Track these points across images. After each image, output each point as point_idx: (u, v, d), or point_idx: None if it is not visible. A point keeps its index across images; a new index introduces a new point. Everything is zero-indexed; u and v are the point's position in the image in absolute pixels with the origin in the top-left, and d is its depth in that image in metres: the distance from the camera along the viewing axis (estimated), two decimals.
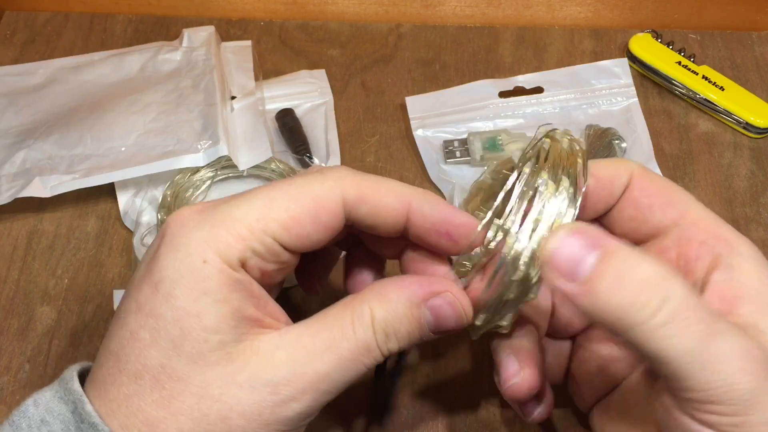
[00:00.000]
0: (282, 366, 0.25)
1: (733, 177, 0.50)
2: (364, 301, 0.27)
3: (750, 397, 0.24)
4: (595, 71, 0.53)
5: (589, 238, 0.25)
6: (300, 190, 0.27)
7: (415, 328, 0.28)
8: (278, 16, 0.60)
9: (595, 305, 0.24)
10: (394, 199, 0.28)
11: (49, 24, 0.58)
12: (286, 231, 0.26)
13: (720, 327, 0.24)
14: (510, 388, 0.31)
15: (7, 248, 0.47)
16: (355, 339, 0.26)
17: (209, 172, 0.48)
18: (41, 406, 0.26)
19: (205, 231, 0.25)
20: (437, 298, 0.28)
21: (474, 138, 0.49)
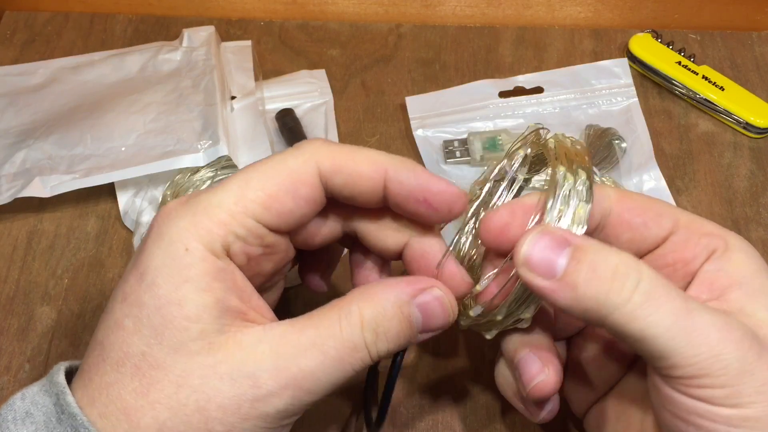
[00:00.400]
0: (265, 359, 0.25)
1: (733, 177, 0.50)
2: (352, 301, 0.27)
3: (738, 365, 0.25)
4: (595, 71, 0.53)
5: (558, 237, 0.27)
6: (274, 167, 0.27)
7: (405, 327, 0.28)
8: (278, 16, 0.60)
9: (574, 298, 0.26)
10: (369, 167, 0.28)
11: (49, 24, 0.58)
12: (266, 210, 0.26)
13: (695, 305, 0.25)
14: (535, 389, 0.30)
15: (7, 248, 0.47)
16: (341, 337, 0.26)
17: (209, 172, 0.48)
18: (27, 399, 0.26)
19: (187, 219, 0.26)
20: (424, 294, 0.28)
21: (474, 138, 0.49)
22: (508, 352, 0.32)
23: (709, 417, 0.25)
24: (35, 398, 0.26)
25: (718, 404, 0.25)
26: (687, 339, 0.25)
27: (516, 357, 0.31)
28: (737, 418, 0.25)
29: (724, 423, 0.25)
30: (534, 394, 0.31)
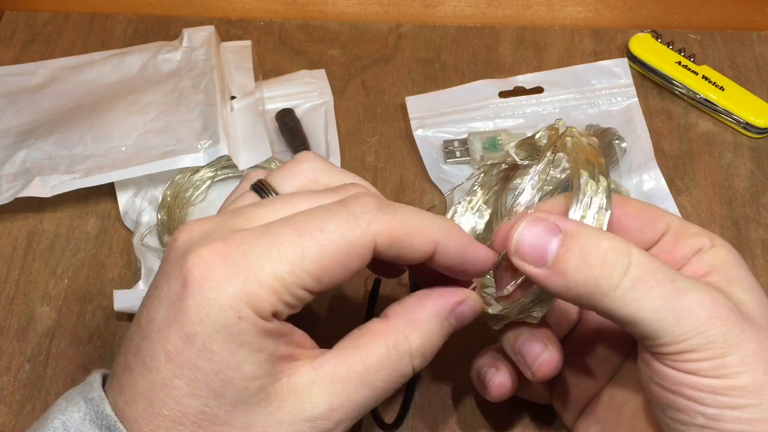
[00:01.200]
0: (320, 402, 0.26)
1: (733, 177, 0.50)
2: (398, 330, 0.28)
3: (723, 339, 0.26)
4: (595, 71, 0.53)
5: (549, 224, 0.28)
6: (332, 238, 0.26)
7: (443, 339, 0.29)
8: (278, 16, 0.60)
9: (565, 284, 0.27)
10: (422, 240, 0.28)
11: (49, 24, 0.58)
12: (317, 281, 0.26)
13: (684, 284, 0.27)
14: (540, 366, 0.31)
15: (7, 248, 0.47)
16: (391, 369, 0.27)
17: (209, 171, 0.48)
18: (71, 429, 0.26)
19: (238, 285, 0.25)
20: (461, 306, 0.29)
21: (474, 138, 0.49)
22: (508, 341, 0.33)
23: (697, 387, 0.26)
24: (82, 429, 0.26)
25: (705, 375, 0.26)
26: (675, 320, 0.26)
27: (517, 343, 0.32)
28: (723, 388, 0.26)
29: (711, 392, 0.26)
30: (539, 372, 0.31)
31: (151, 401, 0.25)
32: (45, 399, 0.41)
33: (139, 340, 0.26)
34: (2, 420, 0.40)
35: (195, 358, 0.25)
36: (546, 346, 0.31)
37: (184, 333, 0.25)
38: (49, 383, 0.41)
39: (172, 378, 0.25)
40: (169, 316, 0.25)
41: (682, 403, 0.27)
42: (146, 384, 0.26)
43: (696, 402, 0.26)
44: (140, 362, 0.26)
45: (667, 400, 0.27)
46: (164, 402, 0.25)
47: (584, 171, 0.29)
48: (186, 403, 0.25)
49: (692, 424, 0.27)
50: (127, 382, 0.26)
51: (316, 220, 0.26)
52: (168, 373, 0.25)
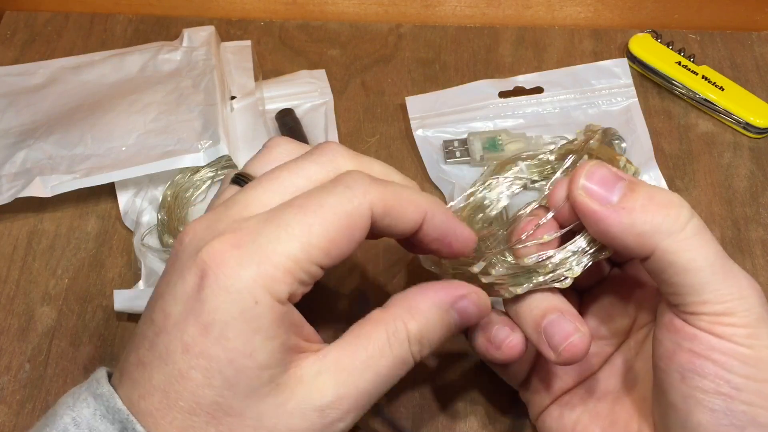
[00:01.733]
0: (327, 390, 0.27)
1: (733, 177, 0.50)
2: (396, 318, 0.28)
3: (760, 310, 0.28)
4: (594, 71, 0.53)
5: (613, 172, 0.29)
6: (333, 211, 0.27)
7: (445, 332, 0.30)
8: (278, 16, 0.60)
9: (630, 223, 0.28)
10: (413, 210, 0.29)
11: (49, 24, 0.58)
12: (327, 255, 0.27)
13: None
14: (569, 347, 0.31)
15: (7, 248, 0.47)
16: (392, 356, 0.28)
17: (210, 171, 0.48)
18: (82, 424, 0.26)
19: (253, 269, 0.25)
20: (463, 301, 0.30)
21: (474, 138, 0.49)
22: (530, 316, 0.32)
23: (729, 353, 0.27)
24: (92, 424, 0.26)
25: (739, 343, 0.27)
26: (724, 277, 0.27)
27: (544, 320, 0.31)
28: (753, 359, 0.27)
29: (741, 361, 0.27)
30: (566, 354, 0.31)
31: (166, 393, 0.26)
32: (45, 399, 0.41)
33: (153, 335, 0.27)
34: (2, 420, 0.40)
35: (211, 347, 0.25)
36: (578, 327, 0.31)
37: (202, 323, 0.25)
38: (49, 383, 0.41)
39: (188, 369, 0.25)
40: (186, 309, 0.26)
41: (709, 369, 0.27)
42: (162, 377, 0.26)
43: (724, 369, 0.27)
44: (156, 356, 0.26)
45: (693, 365, 0.28)
46: (180, 393, 0.26)
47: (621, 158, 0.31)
48: (201, 393, 0.25)
49: (716, 392, 0.27)
50: (140, 376, 0.26)
51: (314, 197, 0.27)
52: (184, 365, 0.26)
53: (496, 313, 0.34)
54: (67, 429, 0.26)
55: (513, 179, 0.37)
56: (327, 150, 0.30)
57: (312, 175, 0.29)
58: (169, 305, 0.26)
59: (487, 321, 0.33)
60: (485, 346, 0.33)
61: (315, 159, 0.30)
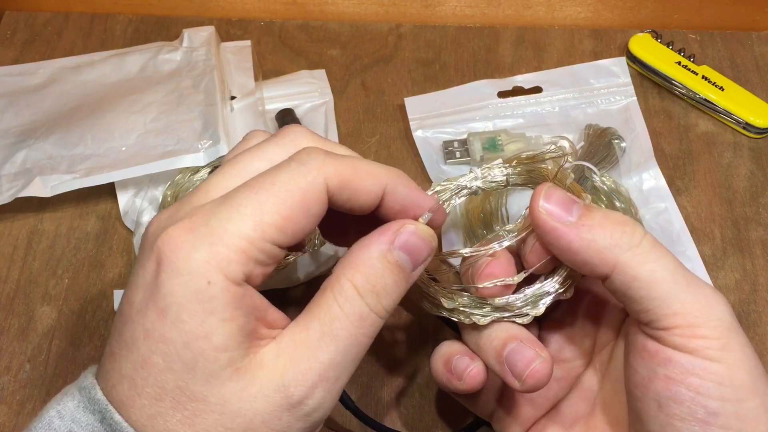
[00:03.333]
0: (287, 369, 0.26)
1: (733, 177, 0.50)
2: (339, 276, 0.28)
3: (728, 319, 0.28)
4: (593, 70, 0.53)
5: (568, 195, 0.30)
6: (287, 187, 0.27)
7: (398, 274, 0.28)
8: (278, 16, 0.60)
9: (590, 239, 0.29)
10: (372, 182, 0.29)
11: (50, 24, 0.58)
12: (282, 232, 0.26)
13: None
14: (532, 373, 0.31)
15: (7, 248, 0.47)
16: (344, 315, 0.27)
17: (209, 171, 0.48)
18: (66, 417, 0.26)
19: (204, 251, 0.25)
20: (401, 235, 0.29)
21: (474, 138, 0.49)
22: (491, 346, 0.32)
23: (703, 375, 0.27)
24: (75, 415, 0.26)
25: (711, 358, 0.27)
26: (688, 287, 0.28)
27: (505, 350, 0.31)
28: (727, 377, 0.27)
29: (716, 382, 0.27)
30: (530, 381, 0.31)
31: (133, 381, 0.26)
32: (45, 399, 0.41)
33: (121, 325, 0.27)
34: (2, 420, 0.40)
35: (168, 331, 0.25)
36: (538, 352, 0.31)
37: (159, 308, 0.25)
38: (49, 383, 0.41)
39: (149, 354, 0.25)
40: (146, 296, 0.26)
41: (685, 395, 0.27)
42: (128, 365, 0.26)
43: (699, 393, 0.27)
44: (123, 345, 0.26)
45: (669, 392, 0.28)
46: (145, 380, 0.26)
47: (586, 195, 0.32)
48: (163, 378, 0.25)
49: (693, 418, 0.27)
50: (111, 366, 0.27)
51: (268, 176, 0.27)
52: (146, 350, 0.26)
53: (455, 343, 0.34)
54: (51, 421, 0.26)
55: (462, 187, 0.37)
56: (289, 132, 0.30)
57: (273, 156, 0.28)
58: (132, 294, 0.27)
59: (447, 352, 0.34)
60: (446, 377, 0.33)
61: (276, 141, 0.29)
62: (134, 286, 0.27)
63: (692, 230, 0.47)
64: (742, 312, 0.44)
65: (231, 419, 0.26)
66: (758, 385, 0.27)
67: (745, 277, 0.46)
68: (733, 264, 0.46)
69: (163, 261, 0.26)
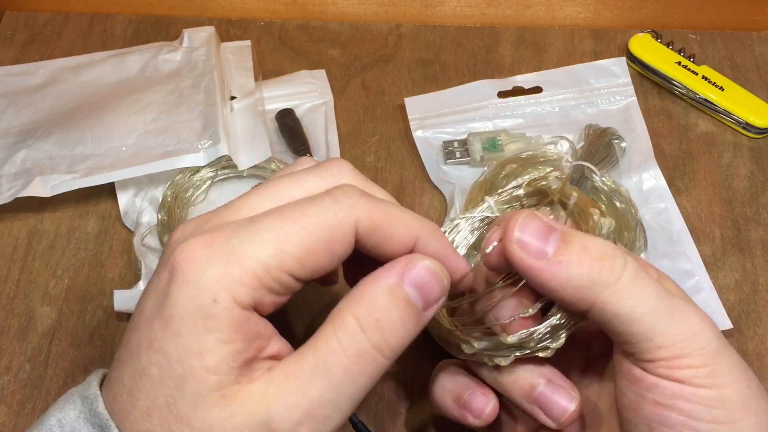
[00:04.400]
0: (274, 403, 0.25)
1: (733, 177, 0.50)
2: (342, 310, 0.26)
3: (714, 345, 0.27)
4: (593, 70, 0.53)
5: (545, 222, 0.28)
6: (315, 222, 0.26)
7: (406, 310, 0.26)
8: (278, 16, 0.60)
9: (567, 277, 0.27)
10: (404, 231, 0.28)
11: (50, 24, 0.58)
12: (301, 265, 0.26)
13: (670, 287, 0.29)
14: (569, 417, 0.31)
15: (7, 248, 0.47)
16: (341, 348, 0.25)
17: (209, 172, 0.48)
18: (66, 427, 0.26)
19: (218, 269, 0.25)
20: (413, 270, 0.27)
21: (474, 138, 0.49)
22: (518, 385, 0.32)
23: (692, 399, 0.26)
24: (75, 427, 0.26)
25: (699, 385, 0.26)
26: (670, 318, 0.27)
27: (534, 391, 0.31)
28: (716, 400, 0.26)
29: (706, 405, 0.26)
30: (567, 422, 0.31)
31: (131, 392, 0.25)
32: (45, 399, 0.41)
33: (129, 332, 0.27)
34: (2, 420, 0.40)
35: (167, 342, 0.25)
36: (571, 394, 0.31)
37: (164, 317, 0.25)
38: (49, 383, 0.41)
39: (148, 365, 0.25)
40: (155, 305, 0.26)
41: (675, 419, 0.27)
42: (129, 374, 0.26)
43: (689, 417, 0.26)
44: (128, 353, 0.26)
45: (659, 417, 0.27)
46: (140, 392, 0.25)
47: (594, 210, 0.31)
48: (155, 392, 0.25)
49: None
50: (115, 375, 0.26)
51: (299, 206, 0.26)
52: (146, 361, 0.25)
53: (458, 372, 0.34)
54: (52, 430, 0.26)
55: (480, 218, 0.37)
56: (333, 165, 0.29)
57: (310, 186, 0.28)
58: (144, 302, 0.26)
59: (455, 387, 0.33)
60: (459, 413, 0.33)
61: (318, 172, 0.28)
62: (146, 294, 0.26)
63: (692, 230, 0.47)
64: (742, 312, 0.44)
65: None
66: (751, 404, 0.27)
67: (745, 277, 0.46)
68: (733, 264, 0.46)
69: (176, 271, 0.25)
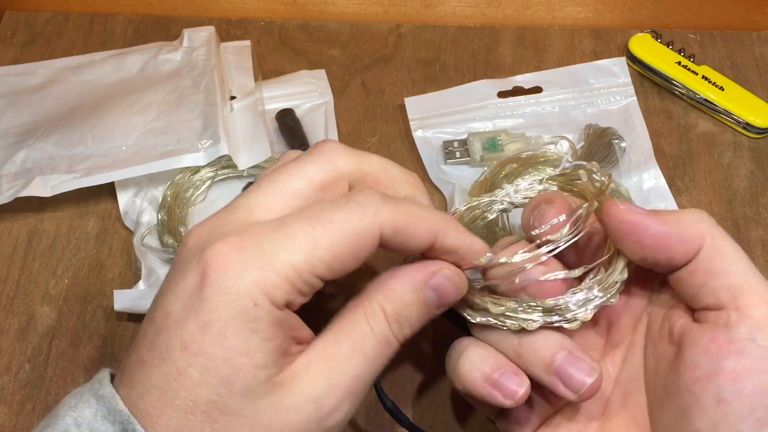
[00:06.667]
0: (319, 381, 0.27)
1: (733, 177, 0.50)
2: (372, 300, 0.29)
3: None
4: (593, 70, 0.53)
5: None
6: (341, 227, 0.27)
7: (423, 310, 0.30)
8: (278, 16, 0.60)
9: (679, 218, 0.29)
10: (425, 228, 0.29)
11: (50, 24, 0.58)
12: (329, 269, 0.27)
13: None
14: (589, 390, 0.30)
15: (7, 248, 0.47)
16: (374, 336, 0.28)
17: (209, 171, 0.48)
18: (83, 425, 0.26)
19: (255, 273, 0.26)
20: (436, 277, 0.30)
21: (474, 138, 0.49)
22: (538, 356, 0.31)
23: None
24: (93, 425, 0.26)
25: None
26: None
27: (555, 362, 0.30)
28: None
29: None
30: (588, 394, 0.30)
31: (164, 392, 0.26)
32: (45, 399, 0.41)
33: (154, 334, 0.27)
34: (2, 420, 0.40)
35: (209, 345, 0.26)
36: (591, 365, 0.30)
37: (201, 321, 0.26)
38: (49, 383, 0.41)
39: (186, 367, 0.26)
40: (186, 308, 0.26)
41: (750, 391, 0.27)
42: (160, 375, 0.26)
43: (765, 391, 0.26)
44: (156, 354, 0.26)
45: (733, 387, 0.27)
46: (176, 392, 0.26)
47: (623, 259, 0.31)
48: (197, 392, 0.26)
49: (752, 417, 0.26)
50: (140, 375, 0.27)
51: (326, 211, 0.27)
52: (182, 362, 0.26)
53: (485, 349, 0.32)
54: (68, 430, 0.26)
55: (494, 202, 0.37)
56: (325, 149, 0.30)
57: (311, 175, 0.29)
58: (170, 304, 0.27)
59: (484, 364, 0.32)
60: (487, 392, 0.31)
61: (313, 159, 0.30)
62: (172, 296, 0.27)
63: None
64: None
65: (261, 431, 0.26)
66: None
67: None
68: None
69: (209, 275, 0.26)
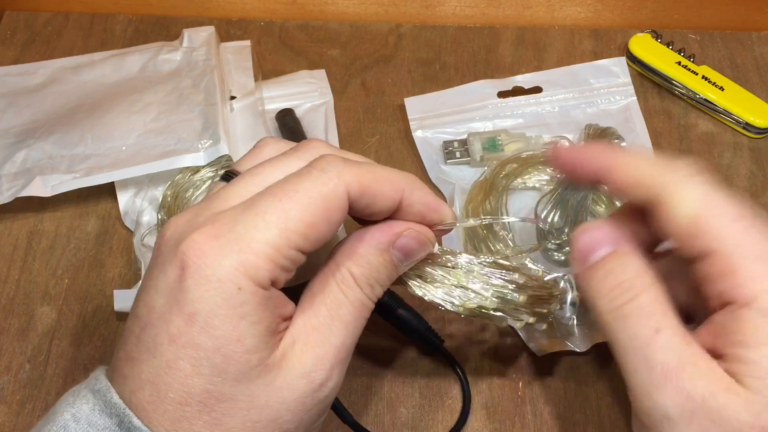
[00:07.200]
0: (306, 356, 0.27)
1: (733, 177, 0.50)
2: (341, 266, 0.29)
3: None
4: (593, 70, 0.53)
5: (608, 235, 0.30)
6: (308, 195, 0.27)
7: (391, 270, 0.30)
8: (278, 16, 0.60)
9: (586, 288, 0.29)
10: (391, 187, 0.29)
11: (50, 24, 0.58)
12: (305, 239, 0.27)
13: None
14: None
15: (7, 248, 0.47)
16: (349, 302, 0.29)
17: (210, 171, 0.48)
18: (82, 420, 0.26)
19: (233, 258, 0.26)
20: (402, 239, 0.30)
21: (474, 138, 0.49)
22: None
23: None
24: (91, 419, 0.26)
25: None
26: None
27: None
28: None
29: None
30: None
31: (156, 386, 0.26)
32: (45, 399, 0.41)
33: (139, 330, 0.27)
34: (2, 420, 0.40)
35: (197, 336, 0.26)
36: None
37: (186, 313, 0.26)
38: (49, 383, 0.41)
39: (175, 360, 0.26)
40: (169, 302, 0.26)
41: None
42: (150, 370, 0.26)
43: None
44: (143, 350, 0.26)
45: None
46: (169, 385, 0.26)
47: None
48: (190, 383, 0.26)
49: None
50: (130, 371, 0.27)
51: (290, 183, 0.28)
52: (171, 356, 0.26)
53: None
54: (67, 425, 0.26)
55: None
56: (310, 146, 0.30)
57: (293, 170, 0.29)
58: (152, 299, 0.27)
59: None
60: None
61: (298, 155, 0.30)
62: (153, 291, 0.27)
63: None
64: None
65: (258, 413, 0.26)
66: None
67: None
68: None
69: (188, 267, 0.26)
